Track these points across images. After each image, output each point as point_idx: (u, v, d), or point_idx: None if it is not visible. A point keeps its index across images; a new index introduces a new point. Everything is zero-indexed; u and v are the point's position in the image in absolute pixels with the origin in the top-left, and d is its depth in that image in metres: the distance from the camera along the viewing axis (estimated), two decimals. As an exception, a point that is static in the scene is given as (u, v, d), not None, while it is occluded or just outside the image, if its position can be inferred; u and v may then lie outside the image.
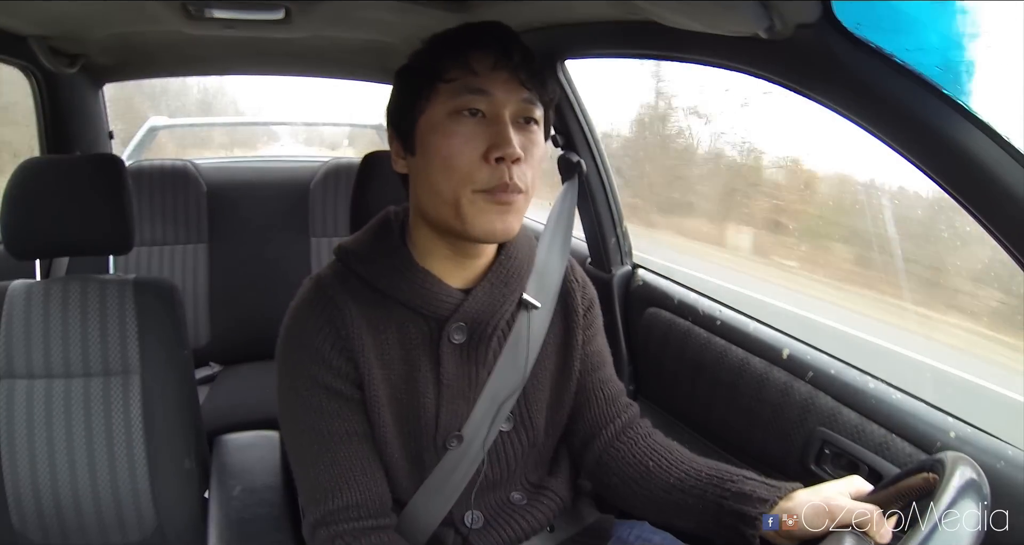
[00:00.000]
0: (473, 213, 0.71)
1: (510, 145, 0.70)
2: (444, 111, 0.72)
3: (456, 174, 0.71)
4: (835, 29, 0.64)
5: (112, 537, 1.09)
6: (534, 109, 0.74)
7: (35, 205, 1.07)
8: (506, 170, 0.70)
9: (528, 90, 0.73)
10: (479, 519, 0.83)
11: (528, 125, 0.74)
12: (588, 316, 0.89)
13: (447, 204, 0.72)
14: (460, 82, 0.72)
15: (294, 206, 1.95)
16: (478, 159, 0.71)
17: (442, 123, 0.72)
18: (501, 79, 0.72)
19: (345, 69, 1.88)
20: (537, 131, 0.75)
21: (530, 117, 0.74)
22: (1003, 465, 0.74)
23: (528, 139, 0.73)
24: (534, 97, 0.74)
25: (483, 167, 0.71)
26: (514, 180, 0.71)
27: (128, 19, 1.24)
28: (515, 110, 0.73)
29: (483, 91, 0.71)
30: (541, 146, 0.76)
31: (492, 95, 0.71)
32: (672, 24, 0.80)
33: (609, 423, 0.87)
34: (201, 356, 1.84)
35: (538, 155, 0.75)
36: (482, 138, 0.71)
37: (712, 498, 0.74)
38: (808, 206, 2.49)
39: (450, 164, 0.71)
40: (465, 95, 0.71)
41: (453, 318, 0.78)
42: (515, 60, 0.72)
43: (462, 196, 0.71)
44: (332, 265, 0.81)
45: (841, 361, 0.98)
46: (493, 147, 0.70)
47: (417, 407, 0.79)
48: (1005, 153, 0.59)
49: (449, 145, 0.71)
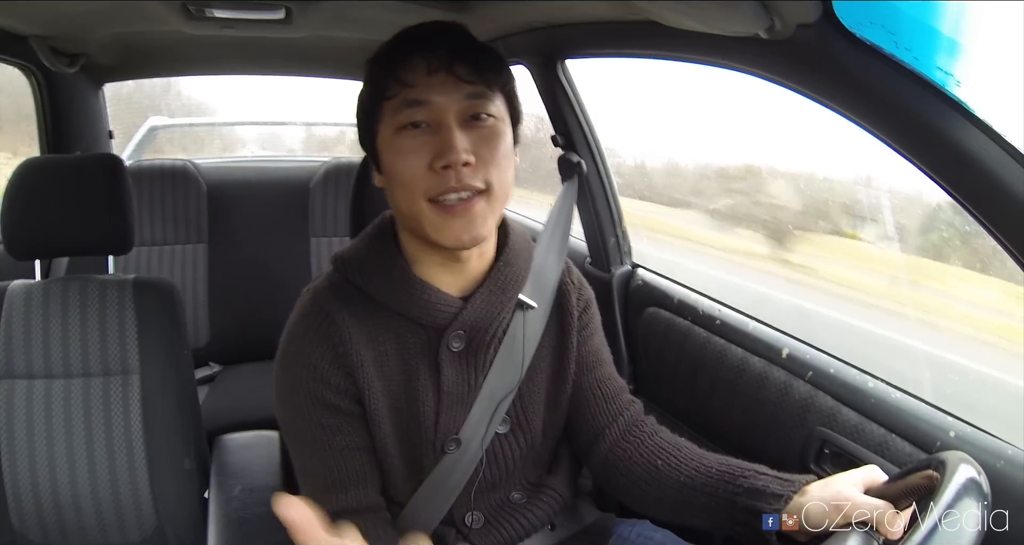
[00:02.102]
0: (432, 227, 0.71)
1: (452, 151, 0.68)
2: (391, 129, 0.72)
3: (407, 188, 0.71)
4: (835, 29, 0.64)
5: (112, 537, 1.09)
6: (484, 103, 0.72)
7: (35, 205, 1.07)
8: (453, 175, 0.69)
9: (471, 84, 0.71)
10: (479, 519, 0.83)
11: (480, 121, 0.71)
12: (583, 317, 0.89)
13: (410, 218, 0.73)
14: (398, 98, 0.71)
15: (294, 206, 1.95)
16: (425, 170, 0.70)
17: (391, 141, 0.72)
18: (437, 83, 0.70)
19: (345, 69, 1.88)
20: (493, 124, 0.72)
21: (480, 113, 0.71)
22: (1003, 465, 0.74)
23: (481, 136, 0.71)
24: (480, 89, 0.71)
25: (430, 176, 0.70)
26: (465, 182, 0.69)
27: (128, 19, 1.24)
28: (460, 110, 0.70)
29: (420, 102, 0.70)
30: (502, 139, 0.73)
31: (430, 103, 0.70)
32: (672, 24, 0.80)
33: (612, 422, 0.87)
34: (201, 356, 1.84)
35: (500, 150, 0.72)
36: (428, 148, 0.70)
37: (724, 495, 0.74)
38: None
39: (401, 179, 0.71)
40: (405, 110, 0.70)
41: (452, 327, 0.77)
42: (445, 58, 0.70)
43: (418, 209, 0.71)
44: (330, 276, 0.81)
45: (841, 360, 0.98)
46: (437, 156, 0.69)
47: (417, 415, 0.79)
48: (1005, 153, 0.59)
49: (398, 160, 0.71)
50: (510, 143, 0.74)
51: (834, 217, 1.69)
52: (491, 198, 0.72)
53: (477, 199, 0.71)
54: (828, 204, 1.71)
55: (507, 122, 0.75)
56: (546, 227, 0.94)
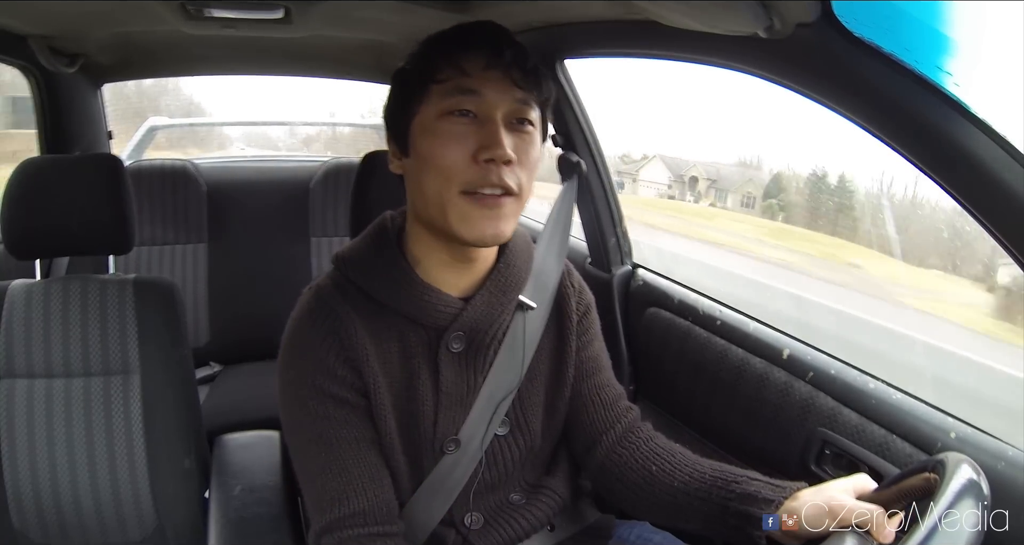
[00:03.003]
0: (460, 217, 0.71)
1: (500, 146, 0.69)
2: (436, 112, 0.72)
3: (443, 174, 0.70)
4: (834, 28, 0.64)
5: (112, 537, 1.09)
6: (528, 110, 0.73)
7: (35, 205, 1.07)
8: (494, 170, 0.69)
9: (521, 90, 0.72)
10: (479, 520, 0.83)
11: (522, 126, 0.73)
12: (583, 322, 0.89)
13: (434, 206, 0.72)
14: (451, 83, 0.71)
15: (294, 206, 1.95)
16: (467, 159, 0.70)
17: (433, 124, 0.72)
18: (493, 79, 0.71)
19: (344, 69, 1.88)
20: (532, 132, 0.74)
21: (524, 118, 0.73)
22: (1003, 465, 0.74)
23: (522, 140, 0.72)
24: (528, 97, 0.73)
25: (471, 167, 0.70)
26: (503, 180, 0.70)
27: (127, 19, 1.24)
28: (508, 111, 0.72)
29: (474, 91, 0.71)
30: (536, 148, 0.74)
31: (483, 95, 0.71)
32: (671, 24, 0.80)
33: (609, 428, 0.87)
34: (201, 356, 1.84)
35: (533, 157, 0.73)
36: (472, 139, 0.70)
37: (717, 500, 0.74)
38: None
39: (439, 164, 0.70)
40: (456, 96, 0.71)
41: (452, 328, 0.78)
42: (507, 59, 0.71)
43: (448, 198, 0.70)
44: (331, 275, 0.81)
45: (841, 361, 0.98)
46: (483, 148, 0.69)
47: (417, 414, 0.79)
48: (1005, 153, 0.59)
49: (439, 145, 0.71)
50: (540, 154, 0.76)
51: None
52: (518, 201, 0.73)
53: (508, 199, 0.71)
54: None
55: (539, 134, 0.76)
56: (546, 227, 0.94)
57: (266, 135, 4.57)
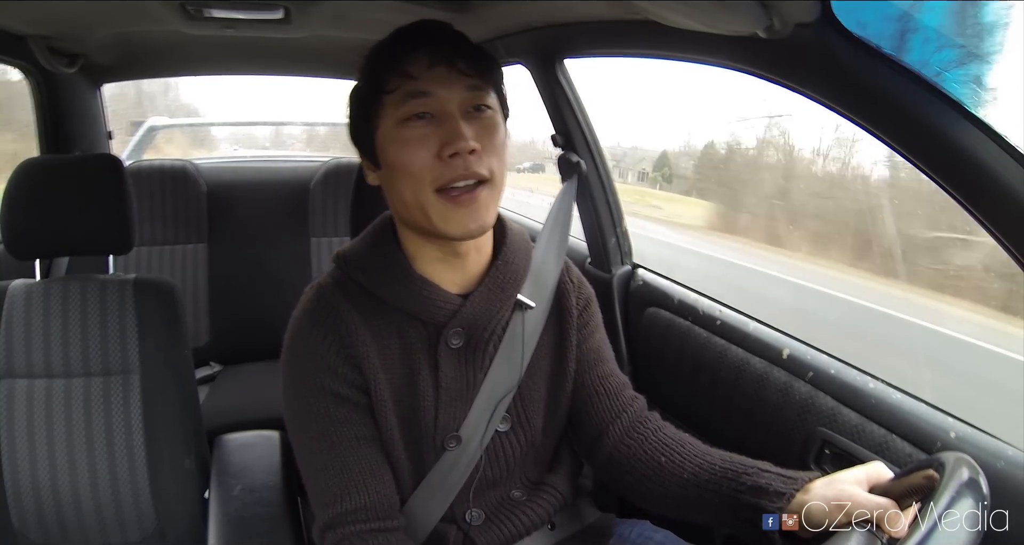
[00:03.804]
0: (440, 217, 0.72)
1: (461, 139, 0.70)
2: (393, 121, 0.73)
3: (415, 178, 0.72)
4: (834, 29, 0.64)
5: (112, 537, 1.09)
6: (483, 95, 0.74)
7: (35, 205, 1.07)
8: (461, 163, 0.71)
9: (470, 77, 0.73)
10: (479, 516, 0.83)
11: (481, 112, 0.74)
12: (584, 316, 0.89)
13: (415, 209, 0.73)
14: (401, 90, 0.72)
15: (294, 206, 1.95)
16: (433, 159, 0.71)
17: (394, 133, 0.73)
18: (440, 76, 0.72)
19: (344, 69, 1.88)
20: (492, 115, 0.75)
21: (480, 104, 0.74)
22: (1003, 465, 0.74)
23: (483, 127, 0.73)
24: (479, 82, 0.73)
25: (439, 165, 0.71)
26: (473, 170, 0.71)
27: (127, 19, 1.24)
28: (462, 101, 0.72)
29: (424, 93, 0.72)
30: (500, 131, 0.75)
31: (434, 94, 0.72)
32: (671, 24, 0.80)
33: (615, 418, 0.86)
34: (201, 356, 1.84)
35: (498, 141, 0.74)
36: (434, 138, 0.71)
37: (728, 492, 0.73)
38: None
39: (408, 170, 0.72)
40: (408, 102, 0.72)
41: (451, 323, 0.78)
42: (447, 52, 0.72)
43: (425, 199, 0.72)
44: (332, 273, 0.82)
45: (841, 361, 0.98)
46: (445, 145, 0.71)
47: (417, 410, 0.79)
48: (1005, 153, 0.59)
49: (404, 152, 0.72)
50: (504, 135, 0.76)
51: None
52: (493, 187, 0.74)
53: (481, 188, 0.72)
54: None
55: (501, 115, 0.77)
56: (545, 227, 0.94)
57: (252, 135, 4.70)
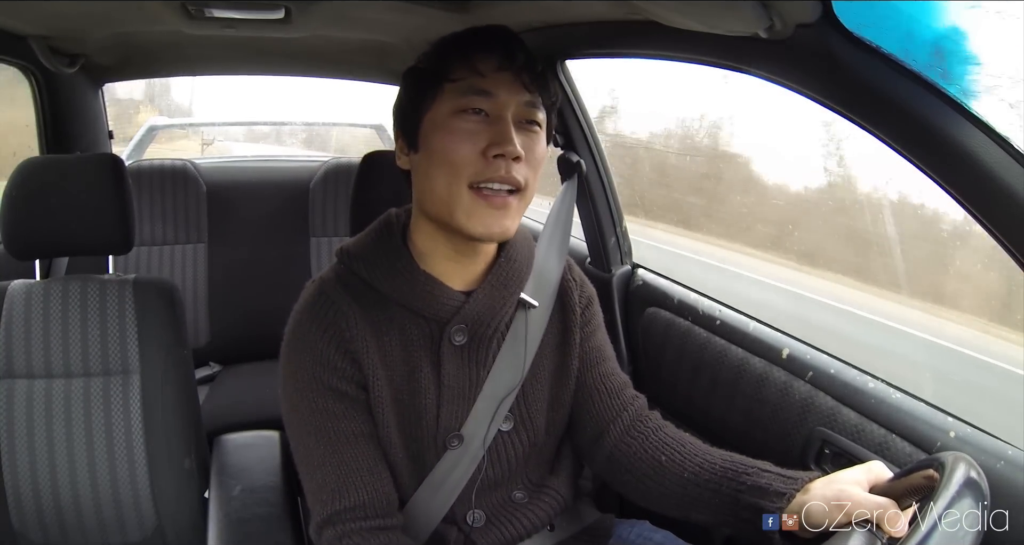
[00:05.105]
0: (465, 213, 0.73)
1: (510, 143, 0.72)
2: (448, 110, 0.74)
3: (453, 168, 0.73)
4: (835, 29, 0.64)
5: (112, 537, 1.09)
6: (536, 112, 0.76)
7: (35, 205, 1.07)
8: (503, 165, 0.72)
9: (530, 93, 0.75)
10: (481, 518, 0.83)
11: (530, 127, 0.76)
12: (586, 314, 0.89)
13: (441, 200, 0.74)
14: (465, 82, 0.74)
15: (294, 206, 1.95)
16: (477, 155, 0.72)
17: (446, 121, 0.74)
18: (505, 81, 0.74)
19: (345, 69, 1.88)
20: (539, 133, 0.77)
21: (532, 119, 0.76)
22: (1003, 465, 0.74)
23: (529, 140, 0.75)
24: (536, 100, 0.76)
25: (480, 162, 0.72)
26: (511, 175, 0.72)
27: (128, 19, 1.24)
28: (517, 111, 0.74)
29: (487, 92, 0.73)
30: (542, 148, 0.77)
31: (495, 96, 0.73)
32: (672, 24, 0.80)
33: (616, 417, 0.86)
34: (201, 356, 1.84)
35: (538, 156, 0.76)
36: (483, 135, 0.73)
37: (728, 492, 0.74)
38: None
39: (449, 158, 0.73)
40: (469, 95, 0.73)
41: (454, 320, 0.78)
42: (518, 63, 0.74)
43: (456, 192, 0.73)
44: (334, 267, 0.82)
45: (841, 361, 0.98)
46: (493, 144, 0.72)
47: (419, 408, 0.79)
48: (1005, 153, 0.59)
49: (451, 141, 0.73)
50: (544, 154, 0.78)
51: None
52: (523, 198, 0.75)
53: (513, 197, 0.74)
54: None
55: (544, 135, 0.79)
56: (546, 227, 0.94)
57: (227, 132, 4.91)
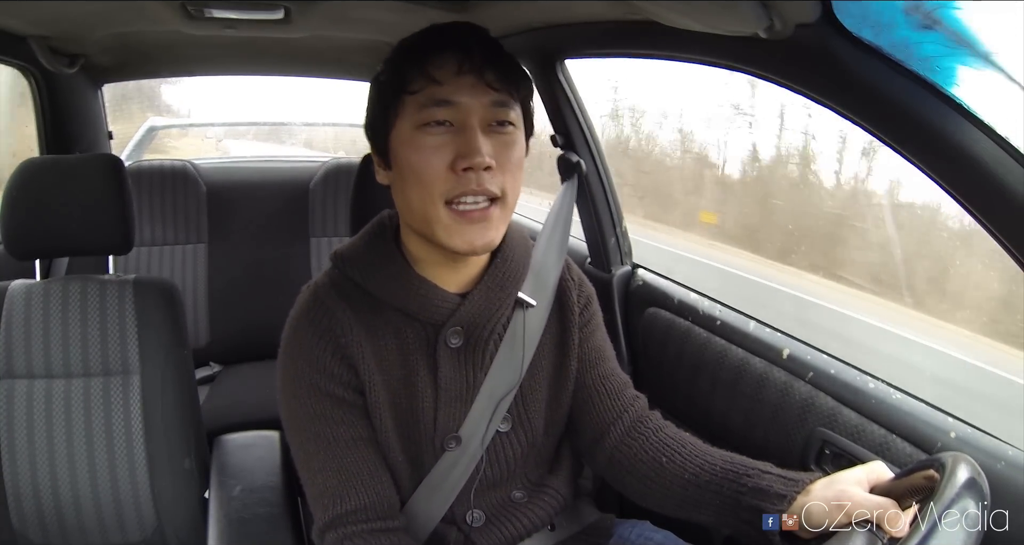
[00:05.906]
0: (445, 230, 0.71)
1: (477, 154, 0.68)
2: (411, 124, 0.71)
3: (425, 187, 0.70)
4: (835, 29, 0.64)
5: (112, 537, 1.09)
6: (507, 111, 0.72)
7: (35, 205, 1.07)
8: (474, 178, 0.69)
9: (497, 91, 0.71)
10: (480, 518, 0.83)
11: (501, 128, 0.72)
12: (585, 313, 0.88)
13: (420, 218, 0.72)
14: (424, 93, 0.70)
15: (294, 206, 1.95)
16: (446, 170, 0.69)
17: (410, 136, 0.71)
18: (466, 85, 0.70)
19: (344, 69, 1.88)
20: (512, 133, 0.73)
21: (503, 120, 0.72)
22: (1003, 465, 0.74)
23: (501, 143, 0.72)
24: (505, 97, 0.72)
25: (451, 177, 0.69)
26: (484, 186, 0.69)
27: (128, 19, 1.24)
28: (484, 115, 0.71)
29: (447, 101, 0.70)
30: (519, 148, 0.74)
31: (457, 104, 0.70)
32: (672, 24, 0.80)
33: (617, 418, 0.86)
34: (201, 356, 1.84)
35: (515, 159, 0.73)
36: (449, 148, 0.69)
37: (729, 493, 0.73)
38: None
39: (419, 177, 0.70)
40: (430, 107, 0.70)
41: (449, 323, 0.78)
42: (479, 61, 0.70)
43: (433, 210, 0.70)
44: (329, 272, 0.81)
45: (841, 361, 0.98)
46: (460, 157, 0.69)
47: (416, 411, 0.79)
48: (1005, 153, 0.59)
49: (417, 158, 0.70)
50: (523, 153, 0.75)
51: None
52: (504, 206, 0.72)
53: (493, 207, 0.71)
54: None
55: (522, 132, 0.75)
56: (545, 226, 0.94)
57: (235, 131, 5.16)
